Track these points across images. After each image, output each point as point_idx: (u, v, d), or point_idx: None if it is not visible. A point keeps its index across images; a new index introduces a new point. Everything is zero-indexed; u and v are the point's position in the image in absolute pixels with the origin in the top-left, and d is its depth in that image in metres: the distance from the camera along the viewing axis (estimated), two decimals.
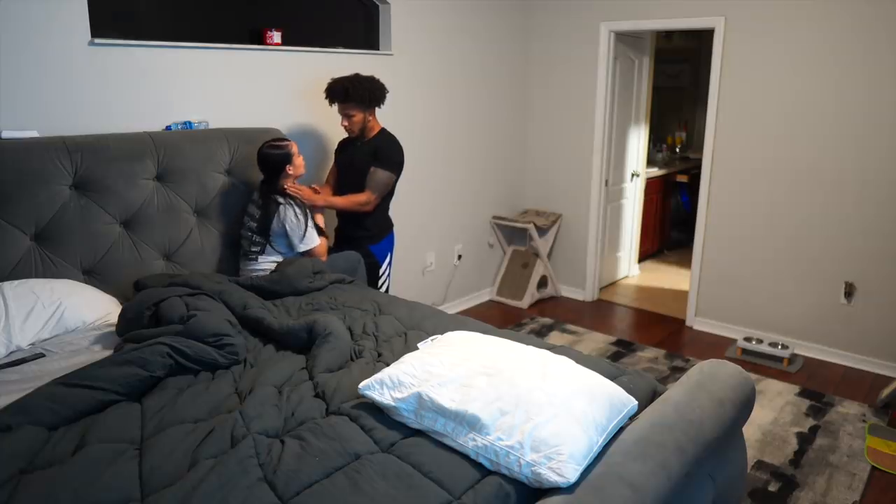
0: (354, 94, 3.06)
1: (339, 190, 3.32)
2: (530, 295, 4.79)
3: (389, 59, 3.81)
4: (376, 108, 3.20)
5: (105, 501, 1.39)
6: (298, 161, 2.92)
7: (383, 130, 3.25)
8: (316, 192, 3.13)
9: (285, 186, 2.94)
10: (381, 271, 3.33)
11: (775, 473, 2.74)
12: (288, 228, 2.84)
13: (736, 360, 3.85)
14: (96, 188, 2.56)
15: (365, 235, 3.25)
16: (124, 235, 2.67)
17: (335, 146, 3.65)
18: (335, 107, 3.19)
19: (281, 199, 2.84)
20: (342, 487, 1.44)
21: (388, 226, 3.34)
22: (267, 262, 2.88)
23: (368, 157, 3.17)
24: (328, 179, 3.44)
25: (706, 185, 4.22)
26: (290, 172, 2.89)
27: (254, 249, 2.87)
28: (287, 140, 2.92)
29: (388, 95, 3.23)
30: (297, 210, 2.85)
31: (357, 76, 3.11)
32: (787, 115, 3.82)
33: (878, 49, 3.46)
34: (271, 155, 2.85)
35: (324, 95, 3.15)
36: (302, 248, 2.89)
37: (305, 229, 2.86)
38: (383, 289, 3.38)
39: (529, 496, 1.49)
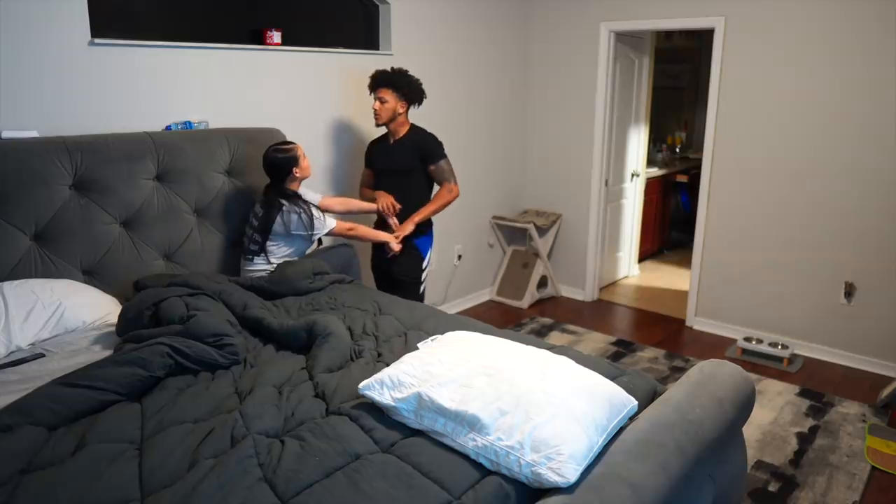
0: (396, 80, 3.13)
1: (382, 190, 3.35)
2: (530, 295, 4.79)
3: (389, 59, 3.80)
4: (409, 108, 3.22)
5: (105, 501, 1.39)
6: (305, 163, 2.92)
7: (413, 126, 3.27)
8: (392, 208, 3.22)
9: (391, 242, 3.17)
10: (423, 264, 3.36)
11: (775, 473, 2.74)
12: (292, 229, 2.83)
13: (736, 360, 3.85)
14: (96, 188, 2.56)
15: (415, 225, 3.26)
16: (124, 235, 2.67)
17: (336, 146, 3.66)
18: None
19: (285, 203, 2.83)
20: (342, 487, 1.44)
21: (429, 220, 3.36)
22: (262, 265, 2.88)
23: (411, 157, 3.21)
24: (363, 182, 3.47)
25: (706, 185, 4.22)
26: (297, 175, 2.89)
27: (252, 248, 2.88)
28: (292, 143, 2.91)
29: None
30: (301, 211, 2.83)
31: (406, 71, 3.19)
32: (787, 115, 3.82)
33: (878, 48, 3.46)
34: (277, 159, 2.84)
35: (367, 84, 3.21)
36: (317, 234, 2.90)
37: (311, 221, 2.84)
38: (423, 285, 3.40)
39: (529, 496, 1.49)
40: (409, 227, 3.21)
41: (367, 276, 3.95)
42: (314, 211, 2.88)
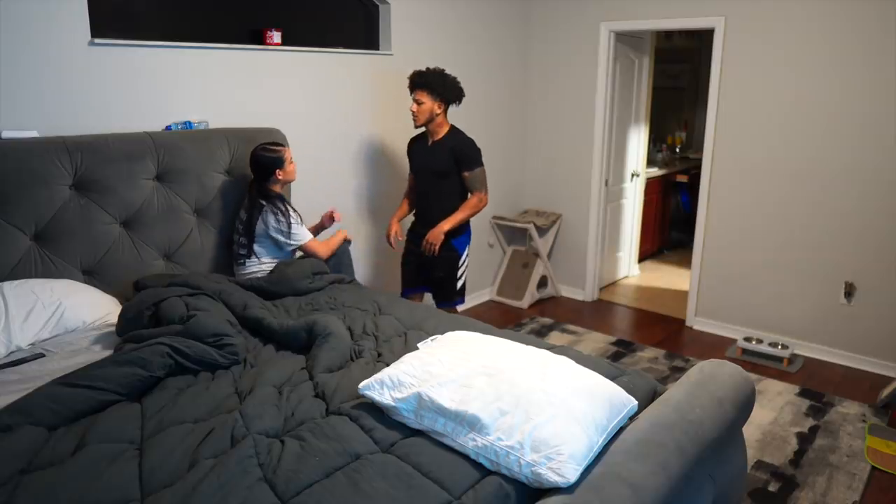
0: (431, 81, 3.13)
1: (416, 190, 3.39)
2: (530, 295, 4.78)
3: (389, 59, 3.81)
4: (447, 107, 3.22)
5: (105, 501, 1.39)
6: (290, 168, 2.93)
7: (453, 128, 3.27)
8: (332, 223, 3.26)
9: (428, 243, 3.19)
10: (461, 262, 3.38)
11: (775, 473, 2.74)
12: (270, 230, 2.84)
13: (736, 360, 3.85)
14: (96, 188, 2.56)
15: (447, 231, 3.27)
16: (124, 235, 2.67)
17: (336, 146, 3.66)
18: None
19: (263, 202, 2.85)
20: (342, 487, 1.44)
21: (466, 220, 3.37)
22: (254, 266, 2.88)
23: (447, 160, 3.21)
24: (410, 182, 3.50)
25: (706, 185, 4.22)
26: (280, 178, 2.90)
27: (241, 252, 2.88)
28: (282, 146, 2.93)
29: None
30: (279, 212, 2.84)
31: (442, 70, 3.19)
32: (787, 115, 3.82)
33: (878, 48, 3.45)
34: (263, 157, 2.86)
35: (407, 84, 3.24)
36: (291, 245, 2.90)
37: (289, 228, 2.86)
38: (461, 281, 3.41)
39: (529, 496, 1.49)
40: (440, 237, 3.22)
41: (376, 274, 3.95)
42: (293, 217, 2.88)
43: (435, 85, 3.13)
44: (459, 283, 3.41)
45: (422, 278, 3.42)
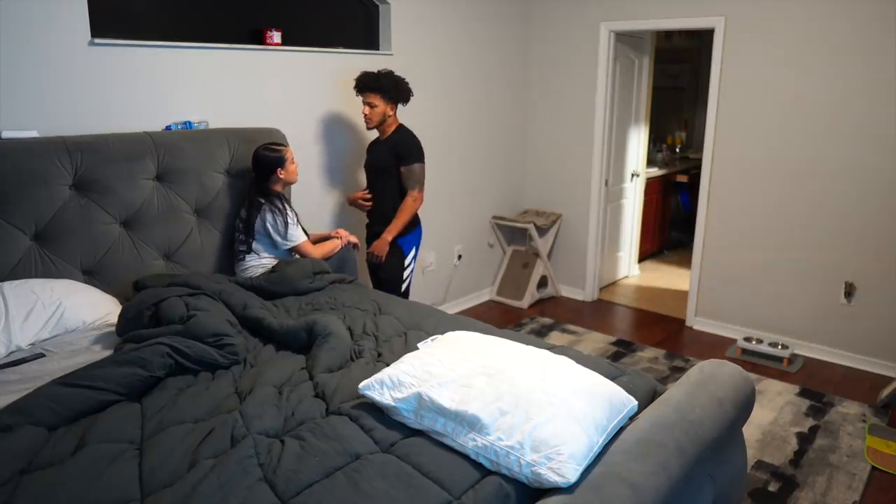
0: (383, 84, 3.16)
1: (369, 188, 3.42)
2: (530, 295, 4.79)
3: (389, 59, 3.80)
4: (398, 107, 3.27)
5: (105, 501, 1.39)
6: (291, 168, 2.96)
7: (400, 126, 3.31)
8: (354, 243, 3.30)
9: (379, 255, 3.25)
10: (406, 262, 3.39)
11: (775, 473, 2.74)
12: (269, 228, 2.87)
13: (736, 360, 3.85)
14: (96, 188, 2.56)
15: (391, 240, 3.29)
16: (124, 235, 2.67)
17: (335, 146, 3.67)
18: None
19: (263, 200, 2.87)
20: (342, 487, 1.44)
21: (414, 220, 3.38)
22: (254, 262, 2.90)
23: (389, 157, 3.25)
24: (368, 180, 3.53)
25: (706, 185, 4.22)
26: (281, 177, 2.92)
27: (241, 248, 2.91)
28: (284, 146, 2.95)
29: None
30: (276, 210, 2.86)
31: (390, 71, 3.23)
32: (787, 115, 3.82)
33: (878, 48, 3.45)
34: (264, 157, 2.89)
35: (353, 85, 3.24)
36: (286, 245, 2.92)
37: (286, 228, 2.88)
38: (406, 283, 3.42)
39: (529, 496, 1.49)
40: (385, 248, 3.27)
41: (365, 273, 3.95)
42: (290, 217, 2.90)
43: (388, 88, 3.17)
44: (404, 286, 3.41)
45: (376, 281, 3.45)
